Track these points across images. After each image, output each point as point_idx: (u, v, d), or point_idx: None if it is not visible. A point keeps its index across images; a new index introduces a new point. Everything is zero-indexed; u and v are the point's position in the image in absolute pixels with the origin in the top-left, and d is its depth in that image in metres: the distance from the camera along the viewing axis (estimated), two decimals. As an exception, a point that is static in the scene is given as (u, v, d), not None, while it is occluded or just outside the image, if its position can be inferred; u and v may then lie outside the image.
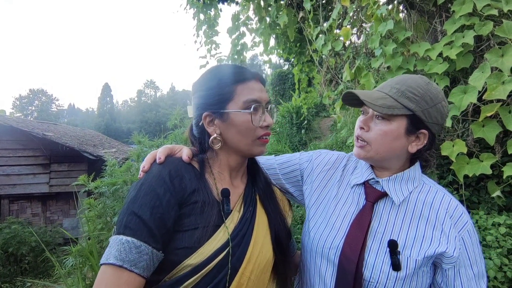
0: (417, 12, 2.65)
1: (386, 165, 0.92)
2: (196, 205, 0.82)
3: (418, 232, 0.85)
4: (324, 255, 0.92)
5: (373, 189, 0.93)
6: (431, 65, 2.17)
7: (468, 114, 2.14)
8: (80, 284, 1.75)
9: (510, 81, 1.83)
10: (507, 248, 1.86)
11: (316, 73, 4.60)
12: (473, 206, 2.27)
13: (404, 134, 0.86)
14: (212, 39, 4.98)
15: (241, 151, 0.91)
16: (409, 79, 0.87)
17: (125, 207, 0.78)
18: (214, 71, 0.93)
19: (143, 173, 0.85)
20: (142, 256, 0.73)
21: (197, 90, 0.93)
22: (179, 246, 0.79)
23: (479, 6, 1.99)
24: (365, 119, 0.90)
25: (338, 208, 0.96)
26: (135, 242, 0.73)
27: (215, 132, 0.89)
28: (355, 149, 0.93)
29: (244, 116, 0.86)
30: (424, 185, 0.93)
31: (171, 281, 0.78)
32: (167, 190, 0.79)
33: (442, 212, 0.87)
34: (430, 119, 0.86)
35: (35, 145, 8.76)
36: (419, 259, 0.83)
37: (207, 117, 0.90)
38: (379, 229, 0.88)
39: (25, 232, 7.12)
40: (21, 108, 60.81)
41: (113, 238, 0.75)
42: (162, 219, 0.76)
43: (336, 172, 1.04)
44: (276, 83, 13.22)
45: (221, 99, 0.88)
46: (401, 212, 0.89)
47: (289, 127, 8.55)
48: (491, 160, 2.01)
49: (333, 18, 2.96)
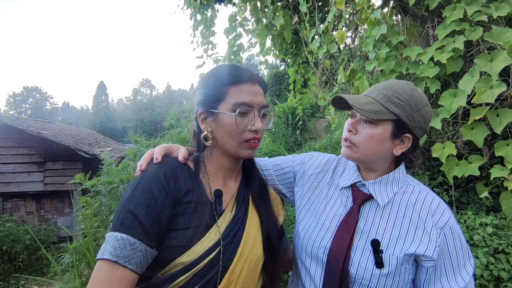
0: (410, 16, 2.71)
1: (372, 166, 0.97)
2: (190, 205, 0.85)
3: (401, 232, 0.90)
4: (313, 254, 0.97)
5: (359, 192, 0.97)
6: (423, 69, 2.23)
7: (458, 117, 2.19)
8: (76, 280, 1.78)
9: (498, 85, 1.89)
10: (493, 248, 1.92)
11: (311, 75, 4.65)
12: (462, 207, 2.33)
13: (389, 138, 0.91)
14: (208, 39, 5.00)
15: (229, 152, 0.93)
16: (396, 85, 0.91)
17: (122, 204, 0.80)
18: (215, 70, 0.95)
19: (140, 171, 0.88)
20: (136, 253, 0.75)
21: (198, 87, 0.97)
22: (172, 245, 0.81)
23: (469, 12, 2.04)
24: (353, 122, 0.94)
25: (327, 209, 1.01)
26: (130, 239, 0.75)
27: (206, 130, 0.92)
28: (343, 149, 0.97)
29: (231, 118, 0.88)
30: (408, 186, 0.97)
31: (164, 278, 0.81)
32: (162, 190, 0.82)
33: (424, 211, 0.91)
34: (414, 123, 0.90)
35: (30, 143, 8.72)
36: (400, 256, 0.87)
37: (201, 114, 0.94)
38: (365, 229, 0.93)
39: (19, 230, 7.08)
40: (15, 106, 60.24)
41: (109, 234, 0.77)
42: (156, 218, 0.79)
43: (326, 174, 1.09)
44: (272, 84, 13.26)
45: (214, 99, 0.90)
46: (385, 213, 0.93)
47: (284, 128, 8.60)
48: (480, 162, 2.06)
49: (329, 21, 3.01)
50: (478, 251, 1.89)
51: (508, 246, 1.92)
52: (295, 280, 1.08)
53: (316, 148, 5.52)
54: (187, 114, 2.98)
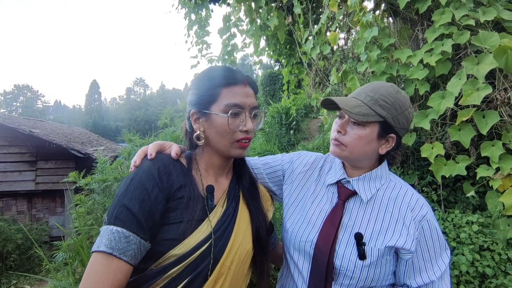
0: (401, 19, 2.77)
1: (358, 164, 1.03)
2: (182, 200, 0.88)
3: (382, 226, 0.96)
4: (300, 248, 1.03)
5: (344, 189, 1.03)
6: (413, 71, 2.28)
7: (446, 118, 2.25)
8: (70, 277, 1.79)
9: (484, 87, 1.95)
10: (479, 245, 1.98)
11: (305, 75, 4.69)
12: (450, 206, 2.38)
13: (376, 138, 0.97)
14: (203, 39, 5.02)
15: (221, 151, 0.96)
16: (382, 88, 0.97)
17: (116, 199, 0.83)
18: (207, 71, 0.98)
19: (134, 167, 0.91)
20: (131, 246, 0.79)
21: (191, 87, 0.99)
22: (165, 238, 0.85)
23: (457, 16, 2.10)
24: (342, 123, 0.99)
25: (314, 205, 1.07)
26: (125, 232, 0.79)
27: (199, 129, 0.95)
28: (331, 147, 1.02)
29: (223, 119, 0.91)
30: (390, 182, 1.04)
31: (157, 269, 0.84)
32: (156, 185, 0.85)
33: (404, 206, 0.98)
34: (398, 124, 0.96)
35: (21, 142, 8.63)
36: (381, 248, 0.93)
37: (194, 114, 0.96)
38: (349, 223, 0.99)
39: (11, 230, 7.02)
40: (5, 104, 59.46)
41: (104, 228, 0.80)
42: (150, 212, 0.82)
43: (314, 172, 1.14)
44: (266, 84, 13.30)
45: (207, 99, 0.93)
46: (368, 208, 0.99)
47: (278, 128, 8.63)
48: (466, 162, 2.12)
49: (322, 23, 3.05)
50: (464, 249, 1.95)
51: (493, 243, 1.97)
52: (284, 273, 1.13)
53: (309, 148, 5.57)
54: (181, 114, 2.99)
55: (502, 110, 2.02)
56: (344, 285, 0.96)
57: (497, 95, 2.02)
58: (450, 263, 0.98)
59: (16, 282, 6.28)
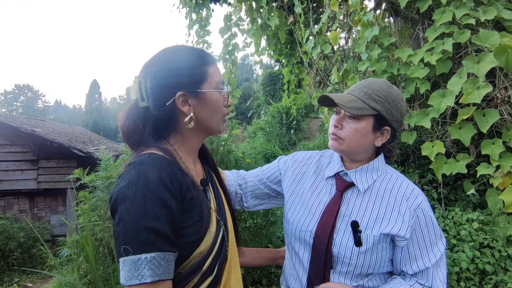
0: (402, 18, 2.78)
1: (356, 157, 1.08)
2: (192, 200, 0.86)
3: (378, 214, 1.01)
4: (301, 238, 1.08)
5: (342, 180, 1.09)
6: (413, 70, 2.30)
7: (446, 117, 2.27)
8: (75, 273, 1.81)
9: (484, 86, 1.96)
10: (479, 242, 2.00)
11: (305, 75, 4.71)
12: (451, 204, 2.40)
13: (371, 131, 1.02)
14: (203, 38, 5.04)
15: (211, 128, 0.97)
16: (375, 83, 1.03)
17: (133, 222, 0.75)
18: (179, 51, 0.95)
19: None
20: (169, 263, 0.78)
21: (159, 70, 0.92)
22: (188, 241, 0.84)
23: (458, 15, 2.12)
24: (338, 118, 1.05)
25: (313, 197, 1.12)
26: (160, 255, 0.76)
27: (190, 112, 0.90)
28: (330, 141, 1.08)
29: (217, 96, 0.94)
30: (387, 174, 1.09)
31: (190, 270, 0.84)
32: (172, 195, 0.80)
33: (399, 196, 1.02)
34: (392, 117, 1.02)
35: (23, 141, 8.64)
36: (376, 235, 0.98)
37: (180, 96, 0.90)
38: (346, 212, 1.04)
39: (13, 228, 7.04)
40: (6, 104, 59.57)
41: (132, 258, 0.74)
42: (173, 224, 0.79)
43: (310, 166, 1.21)
44: (267, 84, 13.33)
45: (197, 79, 0.91)
46: (365, 198, 1.04)
47: (278, 127, 8.66)
48: (467, 160, 2.14)
49: (323, 22, 3.07)
50: (464, 246, 1.97)
51: (493, 240, 1.99)
52: (287, 263, 1.18)
53: (310, 147, 5.59)
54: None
55: (502, 108, 2.04)
56: (343, 272, 1.01)
57: (497, 94, 2.04)
58: (446, 251, 1.01)
59: (18, 280, 6.31)
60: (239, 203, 1.27)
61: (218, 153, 2.29)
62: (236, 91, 5.08)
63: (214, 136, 2.37)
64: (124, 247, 0.75)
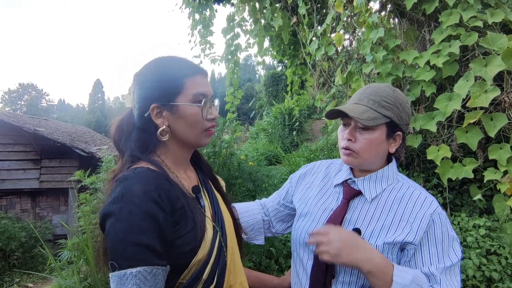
0: (407, 20, 2.75)
1: (370, 167, 1.05)
2: (182, 210, 0.84)
3: (384, 224, 0.98)
4: (305, 244, 1.07)
5: (350, 188, 1.07)
6: (419, 72, 2.26)
7: (453, 120, 2.23)
8: (75, 276, 1.79)
9: (492, 90, 1.93)
10: (485, 249, 1.96)
11: (309, 76, 4.68)
12: (456, 209, 2.37)
13: (385, 139, 1.00)
14: (206, 39, 5.03)
15: (189, 142, 0.94)
16: (380, 90, 1.01)
17: (119, 238, 0.75)
18: (161, 63, 0.94)
19: None
20: (157, 277, 0.76)
21: (143, 81, 0.92)
22: (185, 251, 0.82)
23: (465, 18, 2.08)
24: (350, 131, 1.01)
25: (319, 204, 1.11)
26: (147, 269, 0.74)
27: (163, 124, 0.89)
28: (343, 157, 1.04)
29: (193, 109, 0.90)
30: (398, 183, 1.06)
31: (190, 279, 0.82)
32: (160, 208, 0.79)
33: (410, 205, 0.99)
34: (402, 121, 1.00)
35: (26, 140, 8.64)
36: (379, 244, 0.95)
37: (154, 108, 0.89)
38: (352, 220, 1.02)
39: (14, 228, 7.03)
40: (10, 103, 59.82)
41: (119, 274, 0.73)
42: (162, 237, 0.78)
43: (319, 175, 1.20)
44: (269, 84, 13.30)
45: (170, 91, 0.89)
46: (372, 207, 1.02)
47: (281, 129, 8.63)
48: (473, 164, 2.10)
49: (327, 23, 3.04)
50: (471, 252, 1.93)
51: (500, 247, 1.96)
52: (293, 270, 1.17)
53: (313, 149, 5.56)
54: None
55: (510, 112, 2.01)
56: (345, 282, 0.98)
57: (505, 98, 2.00)
58: (460, 263, 0.97)
59: (19, 280, 6.31)
60: (269, 231, 1.27)
61: (220, 155, 2.26)
62: (238, 91, 5.07)
63: (217, 138, 2.35)
64: (111, 262, 0.75)
